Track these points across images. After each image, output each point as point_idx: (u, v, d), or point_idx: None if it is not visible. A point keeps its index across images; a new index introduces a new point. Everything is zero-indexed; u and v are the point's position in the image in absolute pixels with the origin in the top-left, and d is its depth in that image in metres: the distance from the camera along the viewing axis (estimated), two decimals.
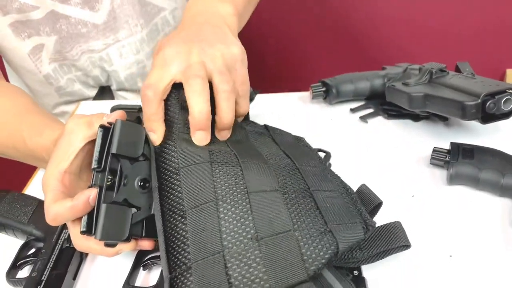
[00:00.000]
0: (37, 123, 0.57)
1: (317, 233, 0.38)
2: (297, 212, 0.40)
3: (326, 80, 0.74)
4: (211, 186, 0.41)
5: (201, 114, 0.44)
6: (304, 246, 0.37)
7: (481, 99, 0.56)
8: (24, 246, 0.53)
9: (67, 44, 0.78)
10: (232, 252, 0.37)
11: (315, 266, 0.36)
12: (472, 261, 0.49)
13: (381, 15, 1.54)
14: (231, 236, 0.38)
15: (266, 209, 0.40)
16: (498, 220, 0.53)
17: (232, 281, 0.36)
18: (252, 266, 0.36)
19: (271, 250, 0.37)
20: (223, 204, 0.40)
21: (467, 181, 0.57)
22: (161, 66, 0.46)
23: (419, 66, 0.68)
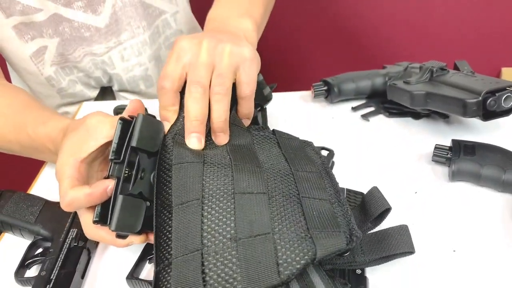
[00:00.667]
0: (40, 116, 0.57)
1: (296, 238, 0.38)
2: (280, 216, 0.40)
3: (327, 79, 0.74)
4: (199, 185, 0.42)
5: (196, 119, 0.45)
6: (280, 250, 0.37)
7: (482, 97, 0.57)
8: (32, 245, 0.54)
9: (70, 47, 0.79)
10: (210, 250, 0.38)
11: (289, 271, 0.36)
12: (475, 256, 0.50)
13: (380, 15, 1.54)
14: (211, 235, 0.38)
15: (249, 210, 0.40)
16: (500, 215, 0.54)
17: (208, 279, 0.36)
18: (228, 266, 0.37)
19: (247, 251, 0.37)
20: (208, 203, 0.41)
21: (469, 178, 0.58)
22: (176, 59, 0.47)
23: (419, 65, 0.69)
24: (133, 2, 0.78)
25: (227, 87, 0.47)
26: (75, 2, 0.75)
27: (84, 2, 0.75)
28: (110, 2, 0.76)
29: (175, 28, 0.87)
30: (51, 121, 0.55)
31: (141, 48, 0.83)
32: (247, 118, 0.52)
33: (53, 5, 0.74)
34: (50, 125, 0.54)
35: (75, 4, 0.75)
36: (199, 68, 0.46)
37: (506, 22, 1.54)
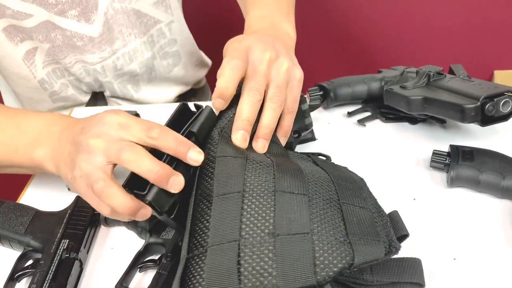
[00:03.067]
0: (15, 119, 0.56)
1: (335, 241, 0.38)
2: (320, 219, 0.40)
3: (323, 83, 0.73)
4: (241, 178, 0.43)
5: (248, 119, 0.48)
6: (318, 251, 0.37)
7: (481, 102, 0.57)
8: (21, 257, 0.52)
9: (61, 53, 0.77)
10: (247, 243, 0.38)
11: (325, 273, 0.36)
12: (475, 263, 0.49)
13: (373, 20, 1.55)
14: (250, 227, 0.39)
15: (289, 209, 0.40)
16: (499, 221, 0.53)
17: (242, 270, 0.36)
18: (263, 260, 0.36)
19: (285, 248, 0.37)
20: (248, 197, 0.41)
21: (468, 183, 0.57)
22: (243, 56, 0.51)
23: (416, 69, 0.68)
24: (125, 10, 0.77)
25: (283, 99, 0.51)
26: (68, 11, 0.73)
27: (78, 11, 0.74)
28: (102, 10, 0.75)
29: (169, 38, 0.86)
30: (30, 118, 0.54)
31: (132, 56, 0.82)
32: (284, 136, 0.54)
33: (46, 12, 0.72)
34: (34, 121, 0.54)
35: (69, 13, 0.73)
36: (260, 77, 0.50)
37: (498, 25, 1.55)
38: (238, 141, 0.48)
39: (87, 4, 0.73)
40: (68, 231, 0.53)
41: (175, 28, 0.86)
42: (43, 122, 0.53)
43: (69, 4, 0.72)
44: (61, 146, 0.49)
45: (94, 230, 0.56)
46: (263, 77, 0.50)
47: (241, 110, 0.48)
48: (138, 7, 0.78)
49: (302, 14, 1.53)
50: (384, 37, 1.58)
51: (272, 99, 0.50)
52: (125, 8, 0.77)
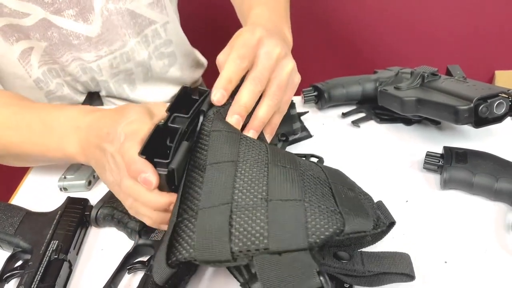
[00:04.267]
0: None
1: (326, 210, 0.38)
2: (311, 191, 0.40)
3: (317, 84, 0.73)
4: (235, 149, 0.43)
5: (245, 106, 0.48)
6: (310, 217, 0.37)
7: (474, 103, 0.56)
8: (11, 258, 0.52)
9: (58, 51, 0.77)
10: (239, 206, 0.38)
11: (316, 236, 0.36)
12: (467, 267, 0.48)
13: (371, 20, 1.54)
14: (243, 193, 0.39)
15: (282, 179, 0.41)
16: (492, 224, 0.53)
17: (233, 231, 0.36)
18: (256, 222, 0.37)
19: (277, 212, 0.37)
20: (242, 166, 0.42)
21: (461, 186, 0.56)
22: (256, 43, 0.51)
23: (410, 70, 0.68)
24: (119, 11, 0.77)
25: (280, 99, 0.52)
26: (65, 10, 0.73)
27: (75, 11, 0.74)
28: (98, 11, 0.75)
29: (165, 38, 0.86)
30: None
31: (130, 55, 0.82)
32: (270, 134, 0.54)
33: (42, 11, 0.72)
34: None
35: (66, 12, 0.73)
36: (265, 70, 0.50)
37: (499, 25, 1.54)
38: (232, 123, 0.48)
39: (84, 5, 0.73)
40: (58, 232, 0.53)
41: (171, 29, 0.86)
42: (69, 118, 0.54)
43: (66, 4, 0.72)
44: (90, 147, 0.50)
45: (84, 231, 0.56)
46: (268, 71, 0.50)
47: (241, 96, 0.48)
48: (132, 7, 0.78)
49: (298, 14, 1.52)
50: (383, 38, 1.58)
51: (271, 96, 0.51)
52: (119, 9, 0.77)
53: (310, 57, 1.61)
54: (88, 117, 0.52)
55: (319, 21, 1.55)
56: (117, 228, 0.56)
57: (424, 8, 1.51)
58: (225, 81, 0.48)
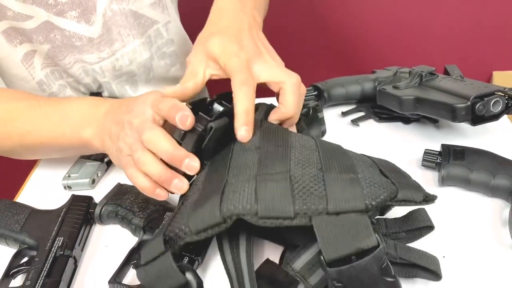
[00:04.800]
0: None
1: (379, 178, 0.41)
2: (362, 168, 0.43)
3: (317, 84, 0.74)
4: (288, 137, 0.48)
5: (248, 112, 0.48)
6: (365, 184, 0.39)
7: (471, 102, 0.57)
8: (17, 254, 0.53)
9: (60, 54, 0.78)
10: (297, 174, 0.40)
11: (372, 199, 0.38)
12: (465, 261, 0.49)
13: (370, 20, 1.55)
14: (299, 165, 0.42)
15: (332, 155, 0.44)
16: (490, 220, 0.54)
17: (295, 193, 0.39)
18: (314, 187, 0.39)
19: (334, 179, 0.40)
20: (295, 148, 0.45)
21: (459, 182, 0.58)
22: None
23: (409, 70, 0.69)
24: (123, 12, 0.77)
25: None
26: (68, 12, 0.74)
27: (78, 12, 0.74)
28: (100, 12, 0.76)
29: (166, 38, 0.86)
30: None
31: (131, 57, 0.83)
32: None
33: (45, 13, 0.73)
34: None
35: (68, 13, 0.74)
36: (250, 76, 0.51)
37: (497, 25, 1.55)
38: (243, 138, 0.48)
39: (86, 6, 0.74)
40: (63, 229, 0.54)
41: (172, 29, 0.86)
42: (87, 105, 0.58)
43: (69, 5, 0.73)
44: (106, 124, 0.53)
45: (89, 228, 0.57)
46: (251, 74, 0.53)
47: (240, 104, 0.49)
48: (135, 8, 0.79)
49: (297, 15, 1.54)
50: (383, 38, 1.59)
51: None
52: (123, 10, 0.77)
53: (310, 57, 1.62)
54: (106, 103, 0.57)
55: (318, 22, 1.56)
56: (121, 225, 0.57)
57: (423, 9, 1.52)
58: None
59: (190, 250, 0.50)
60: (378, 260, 0.35)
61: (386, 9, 1.52)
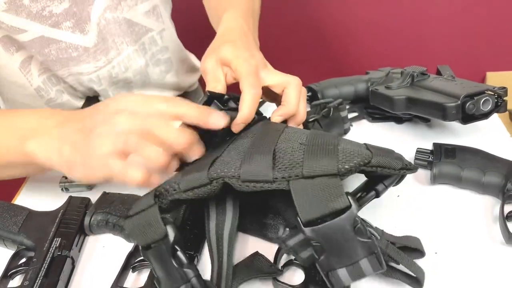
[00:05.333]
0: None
1: (357, 147, 0.44)
2: (345, 143, 0.46)
3: (311, 85, 0.75)
4: (282, 126, 0.52)
5: (250, 113, 0.52)
6: (341, 151, 0.43)
7: (461, 101, 0.58)
8: (15, 255, 0.53)
9: (54, 66, 0.78)
10: (281, 149, 0.45)
11: (345, 163, 0.41)
12: (456, 257, 0.50)
13: (364, 21, 1.56)
14: (285, 142, 0.46)
15: (319, 136, 0.47)
16: (481, 216, 0.55)
17: (276, 163, 0.43)
18: (294, 157, 0.43)
19: (313, 149, 0.43)
20: (286, 132, 0.49)
21: (450, 180, 0.58)
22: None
23: (401, 70, 0.70)
24: (117, 20, 0.78)
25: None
26: (63, 23, 0.74)
27: (72, 22, 0.74)
28: (94, 21, 0.76)
29: (161, 45, 0.87)
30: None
31: (127, 64, 0.83)
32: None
33: (40, 26, 0.72)
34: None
35: (63, 24, 0.74)
36: (258, 80, 0.56)
37: (490, 26, 1.56)
38: (237, 129, 0.52)
39: (80, 16, 0.74)
40: (61, 230, 0.54)
41: (166, 36, 0.87)
42: (35, 117, 0.53)
43: (63, 16, 0.73)
44: (64, 135, 0.49)
45: None
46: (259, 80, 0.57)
47: (246, 106, 0.52)
48: (129, 16, 0.80)
49: (291, 16, 1.55)
50: (376, 39, 1.60)
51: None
52: (117, 18, 0.78)
53: (304, 58, 1.63)
54: (59, 115, 0.52)
55: (312, 24, 1.57)
56: (113, 233, 0.57)
57: (416, 10, 1.53)
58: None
59: (189, 247, 0.51)
60: (350, 220, 0.38)
61: (380, 11, 1.54)
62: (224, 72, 0.57)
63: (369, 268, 0.39)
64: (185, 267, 0.42)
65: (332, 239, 0.39)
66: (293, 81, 0.56)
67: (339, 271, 0.39)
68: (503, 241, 0.51)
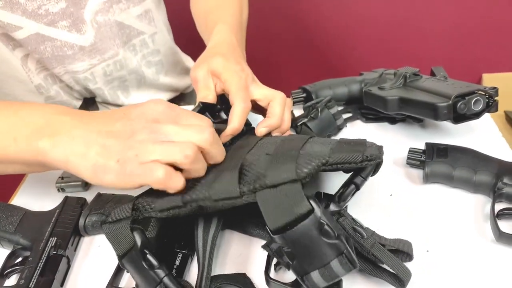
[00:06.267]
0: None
1: (318, 149, 0.46)
2: (310, 146, 0.47)
3: (306, 86, 0.76)
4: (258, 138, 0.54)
5: (240, 125, 0.54)
6: (301, 157, 0.44)
7: (452, 101, 0.59)
8: (11, 255, 0.54)
9: (50, 64, 0.79)
10: (248, 161, 0.46)
11: (303, 167, 0.42)
12: (448, 255, 0.51)
13: (359, 22, 1.57)
14: (253, 155, 0.48)
15: (286, 143, 0.49)
16: (472, 215, 0.55)
17: (243, 176, 0.44)
18: (258, 168, 0.44)
19: (276, 158, 0.45)
20: (258, 144, 0.51)
21: (442, 179, 0.59)
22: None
23: (394, 71, 0.70)
24: (108, 23, 0.78)
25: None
26: (59, 22, 0.75)
27: (69, 22, 0.75)
28: (89, 23, 0.77)
29: (152, 48, 0.88)
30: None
31: (123, 63, 0.84)
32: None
33: (35, 24, 0.73)
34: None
35: (59, 23, 0.75)
36: (248, 97, 0.58)
37: (486, 27, 1.57)
38: (225, 140, 0.54)
39: (77, 16, 0.75)
40: (57, 229, 0.55)
41: (159, 39, 0.88)
42: (50, 111, 0.48)
43: (60, 16, 0.74)
44: (89, 139, 0.45)
45: None
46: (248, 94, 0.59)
47: (235, 119, 0.54)
48: (121, 19, 0.80)
49: (285, 17, 1.55)
50: (371, 40, 1.60)
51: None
52: (108, 21, 0.78)
53: (299, 59, 1.64)
54: (75, 112, 0.49)
55: (306, 25, 1.58)
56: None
57: (411, 12, 1.54)
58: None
59: (183, 246, 0.52)
60: (315, 223, 0.39)
61: (375, 12, 1.54)
62: (214, 82, 0.59)
63: (340, 268, 0.40)
64: (155, 268, 0.44)
65: (300, 243, 0.40)
66: (278, 95, 0.59)
67: (312, 274, 0.40)
68: (494, 238, 0.52)
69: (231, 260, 0.53)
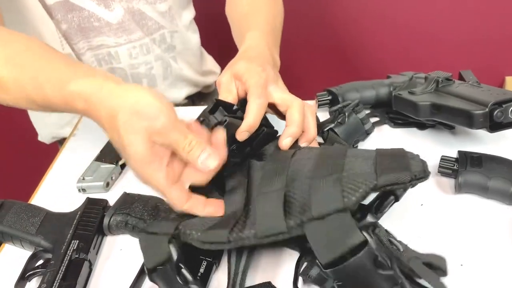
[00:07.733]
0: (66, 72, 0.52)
1: (365, 169, 0.43)
2: (353, 161, 0.45)
3: (331, 88, 0.74)
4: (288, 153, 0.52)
5: (255, 121, 0.53)
6: (346, 183, 0.42)
7: (489, 108, 0.57)
8: (32, 257, 0.53)
9: (75, 37, 0.79)
10: (291, 189, 0.44)
11: (351, 195, 0.40)
12: (483, 269, 0.49)
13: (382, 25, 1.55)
14: (293, 180, 0.46)
15: (330, 157, 0.47)
16: (507, 228, 0.53)
17: (287, 209, 0.42)
18: (302, 198, 0.42)
19: (318, 185, 0.43)
20: (293, 162, 0.49)
21: (476, 190, 0.57)
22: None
23: (425, 75, 0.68)
24: (131, 10, 0.80)
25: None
26: None
27: None
28: (118, 1, 0.78)
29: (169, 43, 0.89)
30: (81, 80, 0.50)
31: (150, 47, 0.85)
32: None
33: None
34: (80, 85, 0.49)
35: None
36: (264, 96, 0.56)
37: (509, 30, 1.54)
38: (242, 137, 0.53)
39: None
40: (78, 232, 0.54)
41: (177, 38, 0.89)
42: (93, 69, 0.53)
43: None
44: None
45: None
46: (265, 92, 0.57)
47: (252, 116, 0.53)
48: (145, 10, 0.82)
49: (311, 18, 1.54)
50: (394, 42, 1.58)
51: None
52: (132, 8, 0.80)
53: (325, 61, 1.62)
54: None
55: (333, 26, 1.56)
56: (131, 235, 0.56)
57: (434, 14, 1.52)
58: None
59: (208, 254, 0.51)
60: (370, 255, 0.38)
61: (399, 16, 1.52)
62: (237, 85, 0.58)
63: None
64: (190, 283, 0.43)
65: (354, 277, 0.38)
66: (296, 102, 0.57)
67: None
68: None
69: (257, 267, 0.52)
